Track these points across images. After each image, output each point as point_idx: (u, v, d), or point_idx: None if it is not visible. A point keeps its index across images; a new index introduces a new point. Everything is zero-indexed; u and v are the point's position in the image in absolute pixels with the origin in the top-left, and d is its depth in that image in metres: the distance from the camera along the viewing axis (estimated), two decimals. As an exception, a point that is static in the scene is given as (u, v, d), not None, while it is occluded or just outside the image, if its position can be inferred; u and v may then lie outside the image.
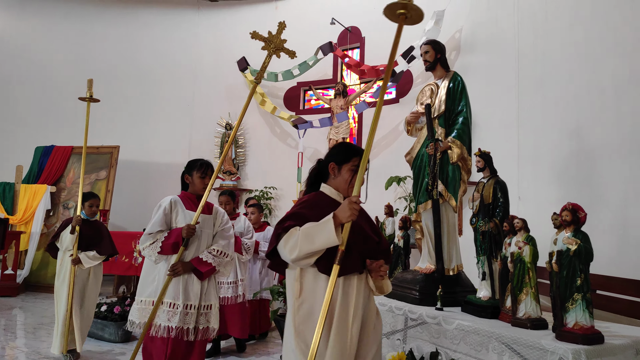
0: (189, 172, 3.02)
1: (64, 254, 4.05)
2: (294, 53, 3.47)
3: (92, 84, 4.47)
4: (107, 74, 8.61)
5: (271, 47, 3.57)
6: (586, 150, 4.59)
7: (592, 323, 2.11)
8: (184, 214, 2.90)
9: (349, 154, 2.07)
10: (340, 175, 2.06)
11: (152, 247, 2.81)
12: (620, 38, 4.33)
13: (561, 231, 2.25)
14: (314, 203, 1.97)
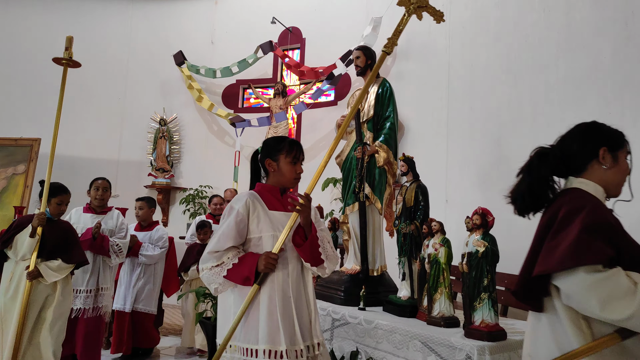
0: (271, 155, 2.12)
1: (17, 264, 3.09)
2: (441, 16, 2.31)
3: (72, 42, 3.66)
4: (29, 61, 8.04)
5: (412, 3, 2.32)
6: (506, 158, 4.90)
7: (497, 321, 2.26)
8: (268, 217, 2.02)
9: None
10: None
11: (213, 272, 1.94)
12: (536, 55, 4.66)
13: (472, 234, 2.38)
14: None
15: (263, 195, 2.08)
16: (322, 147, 7.36)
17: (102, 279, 3.70)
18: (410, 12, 2.29)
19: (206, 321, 3.87)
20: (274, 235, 1.98)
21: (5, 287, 3.08)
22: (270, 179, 2.14)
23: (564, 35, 4.37)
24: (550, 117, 4.43)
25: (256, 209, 2.01)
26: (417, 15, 2.33)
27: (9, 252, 3.12)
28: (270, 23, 7.56)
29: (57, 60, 3.57)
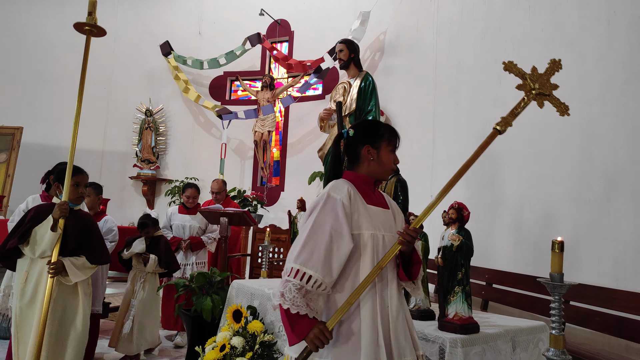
0: (371, 141, 1.81)
1: (33, 263, 2.66)
2: (566, 109, 1.99)
3: (95, 5, 3.03)
4: (11, 50, 7.91)
5: (533, 89, 2.01)
6: (491, 155, 4.93)
7: (470, 314, 2.27)
8: (367, 212, 1.72)
9: None
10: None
11: (295, 289, 1.54)
12: (522, 52, 4.68)
13: (448, 228, 2.39)
14: None
15: (358, 186, 1.75)
16: (309, 141, 7.35)
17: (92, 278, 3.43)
18: (531, 97, 2.02)
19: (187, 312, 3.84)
20: (373, 235, 1.68)
21: (21, 290, 2.61)
22: (364, 168, 1.81)
23: (549, 34, 4.40)
24: (534, 115, 4.44)
25: (356, 201, 1.69)
26: (538, 103, 2.06)
27: (25, 249, 2.64)
28: (258, 15, 7.52)
29: (79, 26, 2.93)
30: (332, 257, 1.56)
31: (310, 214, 1.67)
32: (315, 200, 1.70)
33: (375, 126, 1.87)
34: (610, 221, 3.60)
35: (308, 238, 1.58)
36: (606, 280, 3.49)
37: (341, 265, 1.58)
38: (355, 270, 1.63)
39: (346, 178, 1.80)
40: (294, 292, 1.51)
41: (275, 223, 6.35)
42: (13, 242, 2.56)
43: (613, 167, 3.64)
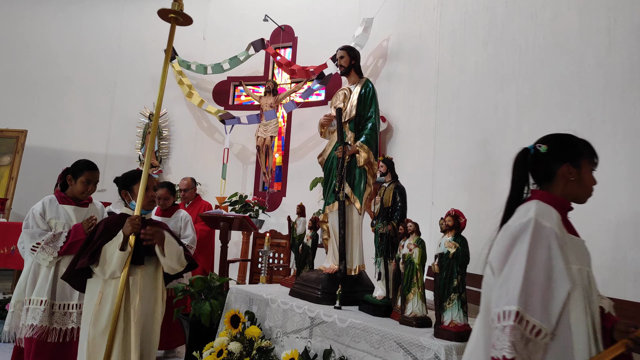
0: (572, 158, 1.66)
1: (106, 284, 2.42)
2: None
3: None
4: (16, 53, 7.99)
5: None
6: (491, 162, 4.93)
7: (466, 321, 2.28)
8: (573, 242, 1.59)
9: None
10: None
11: None
12: (523, 60, 4.69)
13: (445, 235, 2.40)
14: None
15: (558, 210, 1.53)
16: (311, 147, 7.37)
17: None
18: None
19: (185, 317, 3.85)
20: (581, 270, 1.46)
21: (94, 314, 2.37)
22: (559, 189, 1.62)
23: (550, 42, 4.40)
24: (535, 123, 4.45)
25: (563, 230, 1.47)
26: None
27: (96, 269, 2.42)
28: (262, 21, 7.57)
29: (163, 14, 2.56)
30: (551, 300, 1.34)
31: (516, 243, 1.42)
32: (518, 226, 1.46)
33: (573, 141, 1.69)
34: (610, 229, 3.59)
35: (524, 277, 1.33)
36: (607, 289, 3.47)
37: (559, 309, 1.34)
38: (566, 313, 1.37)
39: (542, 200, 1.58)
40: (520, 340, 1.28)
41: (277, 228, 6.36)
42: (83, 262, 2.33)
43: (612, 174, 3.63)
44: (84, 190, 2.99)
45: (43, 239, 2.85)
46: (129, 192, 2.61)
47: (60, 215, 3.01)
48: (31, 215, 2.96)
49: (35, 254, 2.81)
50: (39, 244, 2.83)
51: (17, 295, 2.92)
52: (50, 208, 3.01)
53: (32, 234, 2.87)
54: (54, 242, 2.88)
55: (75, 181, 2.98)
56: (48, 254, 2.85)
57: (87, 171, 3.00)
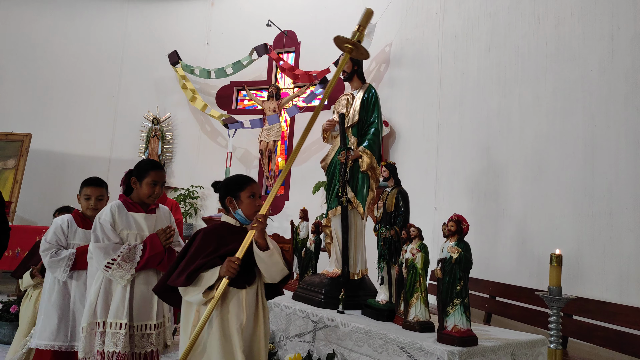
0: None
1: None
2: None
3: (370, 17, 2.39)
4: (21, 57, 8.05)
5: None
6: (494, 167, 4.93)
7: (469, 326, 2.28)
8: None
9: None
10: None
11: None
12: (526, 66, 4.70)
13: (448, 240, 2.40)
14: None
15: None
16: (314, 151, 7.39)
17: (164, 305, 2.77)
18: None
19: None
20: None
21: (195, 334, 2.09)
22: None
23: (552, 48, 4.42)
24: (538, 128, 4.46)
25: None
26: None
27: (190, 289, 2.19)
28: (265, 26, 7.61)
29: (339, 41, 2.30)
30: None
31: None
32: None
33: None
34: (614, 235, 3.59)
35: None
36: (610, 294, 3.47)
37: None
38: None
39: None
40: None
41: (280, 232, 6.37)
42: (179, 282, 2.07)
43: (616, 180, 3.63)
44: (150, 194, 2.63)
45: (119, 254, 2.47)
46: (235, 200, 2.21)
47: (130, 224, 2.61)
48: (99, 226, 2.55)
49: (110, 271, 2.45)
50: (114, 260, 2.45)
51: (89, 317, 2.48)
52: (120, 217, 2.60)
53: (105, 248, 2.49)
54: (131, 257, 2.51)
55: (141, 184, 2.61)
56: (125, 271, 2.47)
57: (153, 171, 2.63)
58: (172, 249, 2.62)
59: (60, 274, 2.83)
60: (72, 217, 2.99)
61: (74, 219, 2.99)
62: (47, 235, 2.90)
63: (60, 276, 2.83)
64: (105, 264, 2.45)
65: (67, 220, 2.97)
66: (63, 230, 2.92)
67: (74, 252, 2.85)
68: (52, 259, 2.82)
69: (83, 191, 2.99)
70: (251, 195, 2.21)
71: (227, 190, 2.25)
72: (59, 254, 2.84)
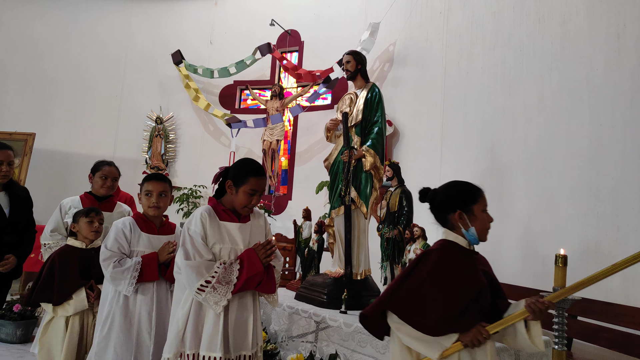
0: None
1: None
2: None
3: None
4: (26, 56, 8.08)
5: None
6: (499, 167, 4.90)
7: (472, 328, 2.25)
8: None
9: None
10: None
11: None
12: (531, 65, 4.67)
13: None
14: None
15: None
16: (317, 150, 7.37)
17: None
18: None
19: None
20: None
21: None
22: None
23: (558, 47, 4.38)
24: (543, 128, 4.43)
25: None
26: None
27: None
28: (269, 25, 7.60)
29: None
30: None
31: None
32: None
33: None
34: (620, 235, 3.55)
35: None
36: (615, 295, 3.44)
37: None
38: None
39: None
40: None
41: (283, 232, 6.36)
42: (432, 328, 1.72)
43: (621, 180, 3.60)
44: (247, 204, 2.16)
45: (213, 274, 2.03)
46: (467, 214, 1.87)
47: (223, 237, 2.16)
48: (188, 239, 2.11)
49: (204, 295, 2.01)
50: (208, 282, 2.02)
51: (176, 346, 2.12)
52: (211, 227, 2.14)
53: (198, 268, 2.04)
54: (227, 278, 2.06)
55: (237, 190, 2.14)
56: (221, 296, 2.03)
57: (254, 178, 2.14)
58: (270, 266, 2.18)
59: (125, 287, 2.42)
60: (134, 220, 2.59)
61: (136, 222, 2.58)
62: (107, 241, 2.51)
63: (125, 290, 2.42)
64: (197, 287, 2.01)
65: (129, 223, 2.55)
66: (125, 235, 2.50)
67: (139, 261, 2.44)
68: (115, 270, 2.41)
69: (144, 187, 2.58)
70: (483, 210, 1.86)
71: (459, 203, 1.85)
72: (122, 264, 2.43)
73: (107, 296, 2.49)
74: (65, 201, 3.28)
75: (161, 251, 2.51)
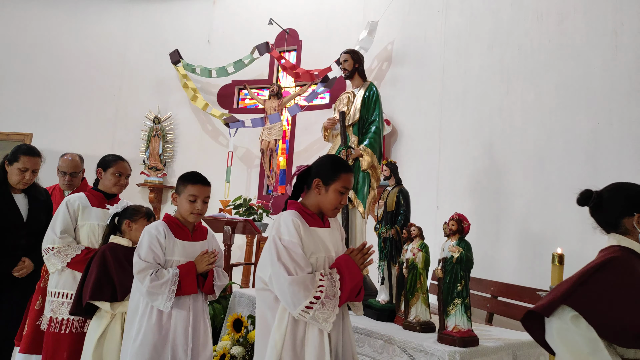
0: None
1: None
2: None
3: None
4: (24, 56, 8.06)
5: None
6: (497, 166, 4.90)
7: (470, 327, 2.25)
8: None
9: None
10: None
11: None
12: (529, 63, 4.66)
13: (449, 239, 2.38)
14: None
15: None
16: (315, 150, 7.36)
17: None
18: None
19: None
20: None
21: None
22: None
23: (555, 45, 4.38)
24: (541, 126, 4.43)
25: None
26: None
27: None
28: (267, 24, 7.58)
29: None
30: None
31: None
32: None
33: None
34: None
35: None
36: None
37: None
38: None
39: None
40: None
41: (281, 231, 6.34)
42: None
43: (619, 178, 3.57)
44: (337, 204, 1.93)
45: (321, 289, 1.75)
46: None
47: (317, 245, 1.89)
48: (284, 250, 1.79)
49: (312, 313, 1.72)
50: (317, 298, 1.73)
51: None
52: (305, 235, 1.86)
53: (303, 283, 1.74)
54: (332, 290, 1.79)
55: (327, 189, 1.92)
56: (330, 311, 1.75)
57: (345, 174, 1.95)
58: None
59: (162, 302, 2.14)
60: (167, 226, 2.29)
61: (169, 227, 2.29)
62: (141, 250, 2.21)
63: (162, 305, 2.14)
64: (305, 305, 1.71)
65: (162, 230, 2.26)
66: (160, 243, 2.22)
67: (177, 273, 2.19)
68: (153, 284, 2.13)
69: (187, 191, 2.28)
70: None
71: (637, 206, 1.73)
72: (160, 276, 2.16)
73: (137, 309, 2.20)
74: (72, 199, 2.96)
75: (199, 261, 2.25)
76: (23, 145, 2.99)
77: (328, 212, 1.94)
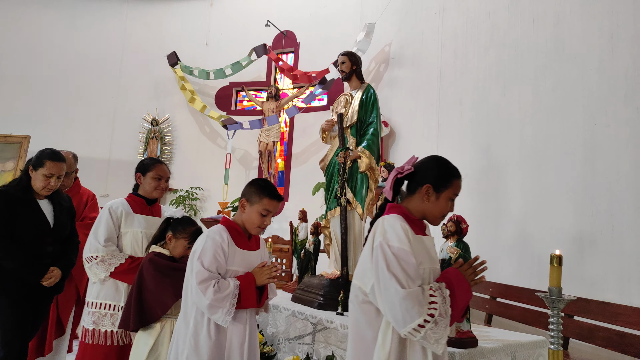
0: None
1: None
2: None
3: None
4: (21, 59, 8.05)
5: None
6: (495, 167, 4.91)
7: (469, 328, 2.25)
8: None
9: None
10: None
11: None
12: (525, 65, 4.68)
13: (447, 241, 2.39)
14: None
15: None
16: (313, 152, 7.37)
17: None
18: None
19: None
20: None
21: None
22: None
23: (552, 46, 4.40)
24: (538, 127, 4.44)
25: None
26: None
27: None
28: (264, 26, 7.60)
29: None
30: None
31: None
32: None
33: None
34: (615, 234, 3.56)
35: None
36: (611, 295, 3.44)
37: None
38: None
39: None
40: None
41: (279, 234, 6.35)
42: None
43: (616, 179, 3.61)
44: (445, 212, 1.81)
45: (434, 305, 1.56)
46: None
47: (425, 257, 1.72)
48: (393, 260, 1.59)
49: (423, 332, 1.53)
50: (431, 315, 1.54)
51: None
52: (414, 243, 1.66)
53: (418, 298, 1.55)
54: (444, 307, 1.59)
55: (439, 197, 1.76)
56: (443, 330, 1.56)
57: (457, 180, 1.81)
58: None
59: (222, 317, 1.96)
60: (228, 232, 2.09)
61: (230, 234, 2.09)
62: (204, 258, 2.00)
63: (222, 319, 1.96)
64: (419, 323, 1.51)
65: (226, 237, 2.07)
66: (224, 252, 2.04)
67: (237, 285, 2.02)
68: (216, 296, 1.94)
69: (261, 204, 2.10)
70: None
71: None
72: (222, 288, 1.97)
73: (188, 320, 2.01)
74: (115, 204, 2.79)
75: (259, 273, 2.08)
76: (47, 150, 2.83)
77: (435, 220, 1.77)
